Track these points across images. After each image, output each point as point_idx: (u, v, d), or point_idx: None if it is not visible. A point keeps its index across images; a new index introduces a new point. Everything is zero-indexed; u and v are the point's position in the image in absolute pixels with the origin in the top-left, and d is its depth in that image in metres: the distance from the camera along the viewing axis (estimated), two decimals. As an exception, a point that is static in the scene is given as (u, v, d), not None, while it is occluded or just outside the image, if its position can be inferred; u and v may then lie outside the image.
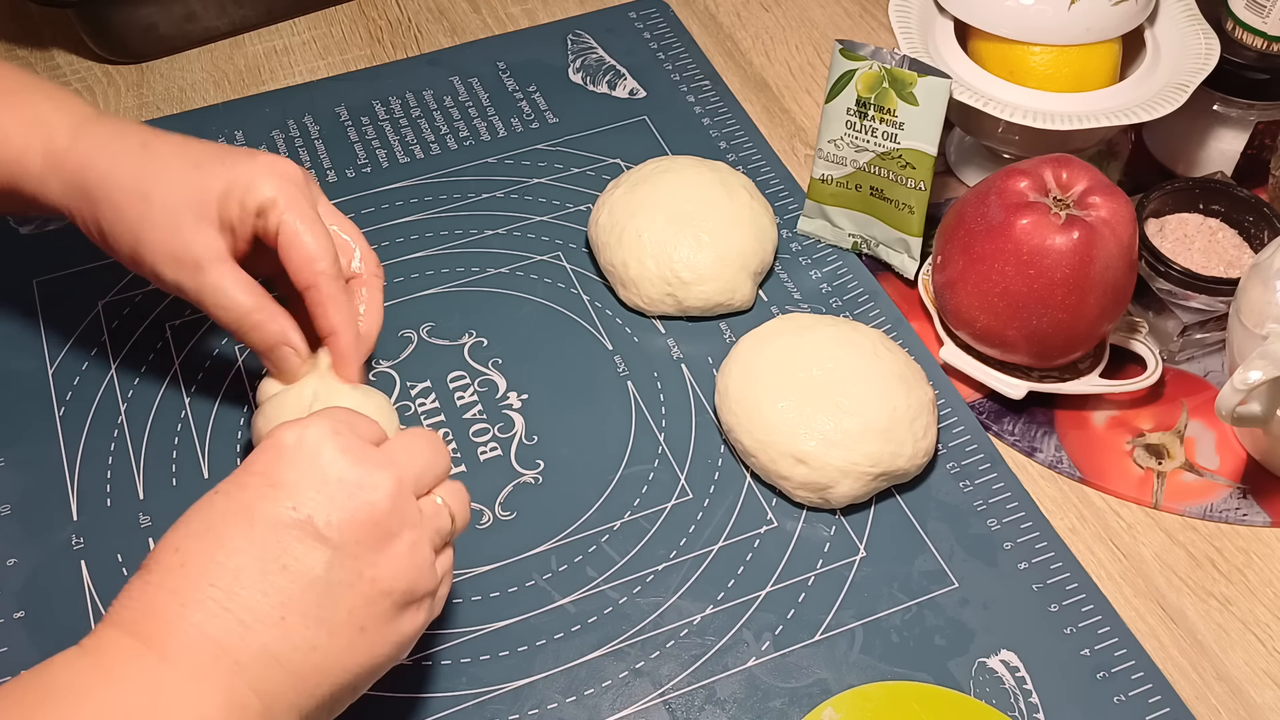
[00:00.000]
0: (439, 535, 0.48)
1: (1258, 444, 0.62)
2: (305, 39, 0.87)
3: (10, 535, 0.60)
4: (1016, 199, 0.61)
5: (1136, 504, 0.62)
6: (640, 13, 0.89)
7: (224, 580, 0.42)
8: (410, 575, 0.46)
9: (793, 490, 0.60)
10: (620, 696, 0.55)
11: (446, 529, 0.49)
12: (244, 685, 0.42)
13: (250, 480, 0.45)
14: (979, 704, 0.54)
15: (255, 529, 0.43)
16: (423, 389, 0.66)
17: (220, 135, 0.79)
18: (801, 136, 0.81)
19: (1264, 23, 0.70)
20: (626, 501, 0.61)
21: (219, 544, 0.43)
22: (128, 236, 0.56)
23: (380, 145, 0.79)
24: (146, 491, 0.62)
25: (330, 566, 0.44)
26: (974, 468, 0.63)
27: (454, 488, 0.50)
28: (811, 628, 0.57)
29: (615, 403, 0.65)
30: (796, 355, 0.62)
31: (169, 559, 0.43)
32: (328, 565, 0.44)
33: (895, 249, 0.71)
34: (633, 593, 0.58)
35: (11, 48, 0.87)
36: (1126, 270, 0.61)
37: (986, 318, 0.63)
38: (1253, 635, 0.58)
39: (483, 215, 0.75)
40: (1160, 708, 0.54)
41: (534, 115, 0.81)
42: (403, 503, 0.46)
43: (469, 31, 0.88)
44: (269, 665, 0.42)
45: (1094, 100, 0.68)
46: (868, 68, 0.66)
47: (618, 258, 0.68)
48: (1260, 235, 0.67)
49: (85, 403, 0.65)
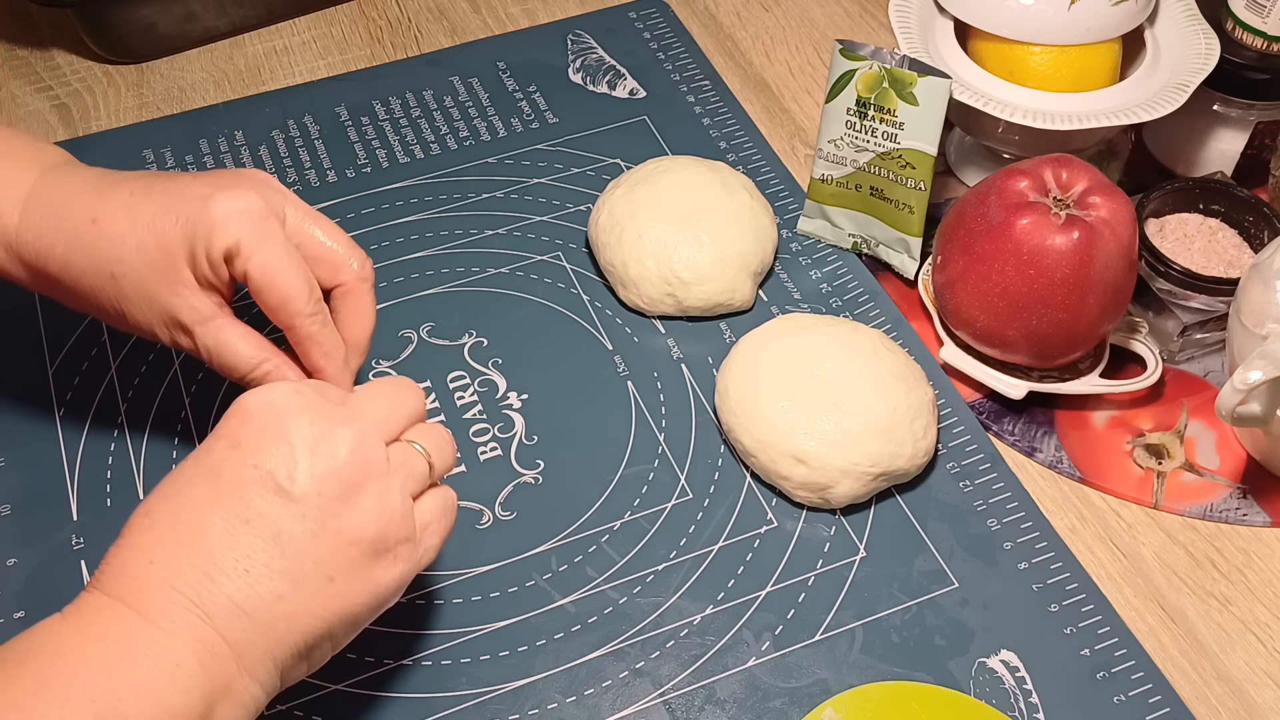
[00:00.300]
0: (413, 480, 0.48)
1: (1258, 444, 0.62)
2: (305, 39, 0.87)
3: (10, 535, 0.60)
4: (1016, 199, 0.61)
5: (1136, 504, 0.62)
6: (640, 13, 0.89)
7: (189, 537, 0.44)
8: (378, 523, 0.46)
9: (793, 490, 0.60)
10: (620, 696, 0.55)
11: (421, 473, 0.49)
12: (214, 634, 0.43)
13: (216, 445, 0.46)
14: (979, 704, 0.54)
15: (219, 488, 0.45)
16: (423, 389, 0.66)
17: (220, 135, 0.79)
18: (801, 136, 0.81)
19: (1264, 23, 0.70)
20: (626, 501, 0.61)
21: (185, 505, 0.45)
22: (109, 311, 0.55)
23: (380, 145, 0.79)
24: (146, 491, 0.61)
25: (293, 519, 0.45)
26: (974, 468, 0.63)
27: (431, 430, 0.50)
28: (811, 628, 0.57)
29: (615, 403, 0.65)
30: (796, 355, 0.62)
31: (139, 523, 0.45)
32: (290, 517, 0.45)
33: (895, 249, 0.71)
34: (633, 593, 0.58)
35: (11, 48, 0.87)
36: (1126, 270, 0.61)
37: (986, 318, 0.63)
38: (1253, 635, 0.58)
39: (483, 215, 0.75)
40: (1160, 708, 0.54)
41: (534, 115, 0.81)
42: (366, 451, 0.46)
43: (469, 31, 0.88)
44: (236, 615, 0.44)
45: (1094, 100, 0.68)
46: (868, 68, 0.66)
47: (618, 258, 0.68)
48: (1260, 235, 0.67)
49: (85, 403, 0.65)
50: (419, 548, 0.48)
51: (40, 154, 0.56)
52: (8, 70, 0.85)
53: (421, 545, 0.49)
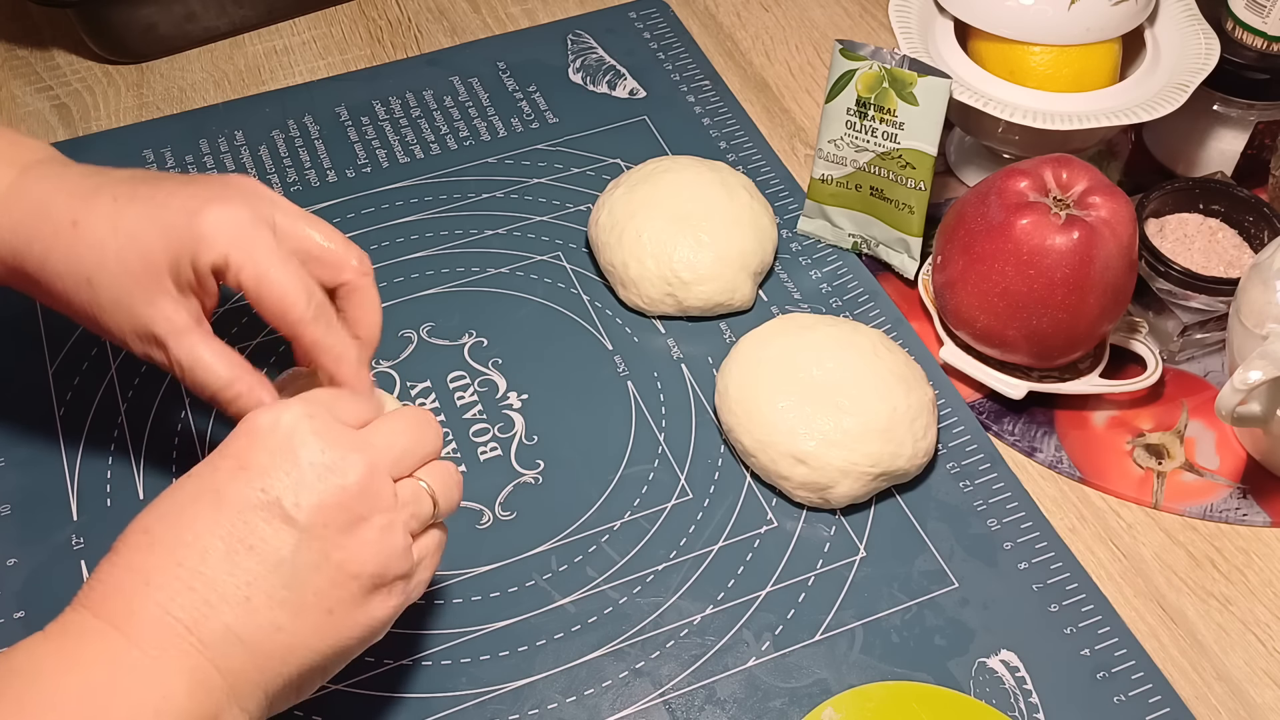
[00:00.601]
0: (416, 519, 0.48)
1: (1258, 444, 0.62)
2: (305, 39, 0.87)
3: (10, 535, 0.60)
4: (1016, 199, 0.61)
5: (1136, 504, 0.62)
6: (640, 13, 0.89)
7: (190, 559, 0.43)
8: (379, 559, 0.45)
9: (793, 490, 0.60)
10: (620, 696, 0.55)
11: (426, 513, 0.48)
12: (207, 664, 0.42)
13: (223, 463, 0.45)
14: (979, 704, 0.54)
15: (223, 510, 0.43)
16: (423, 389, 0.66)
17: (220, 135, 0.79)
18: (801, 136, 0.81)
19: (1264, 23, 0.70)
20: (626, 501, 0.61)
21: (187, 525, 0.43)
22: (85, 316, 0.53)
23: (380, 145, 0.79)
24: (146, 491, 0.62)
25: (297, 548, 0.44)
26: (974, 468, 0.63)
27: (440, 469, 0.49)
28: (811, 628, 0.57)
29: (615, 403, 0.65)
30: (796, 355, 0.62)
31: (137, 539, 0.44)
32: (294, 547, 0.44)
33: (895, 249, 0.71)
34: (633, 593, 0.58)
35: (11, 48, 0.87)
36: (1126, 270, 0.61)
37: (986, 318, 0.63)
38: (1253, 635, 0.58)
39: (483, 215, 0.75)
40: (1160, 708, 0.54)
41: (534, 115, 0.81)
42: (375, 485, 0.46)
43: (469, 31, 0.88)
44: (233, 644, 0.43)
45: (1094, 100, 0.68)
46: (868, 68, 0.66)
47: (618, 258, 0.68)
48: (1260, 235, 0.67)
49: (85, 403, 0.65)
50: (412, 583, 0.48)
51: (19, 148, 0.55)
52: (8, 70, 0.85)
53: (414, 580, 0.48)
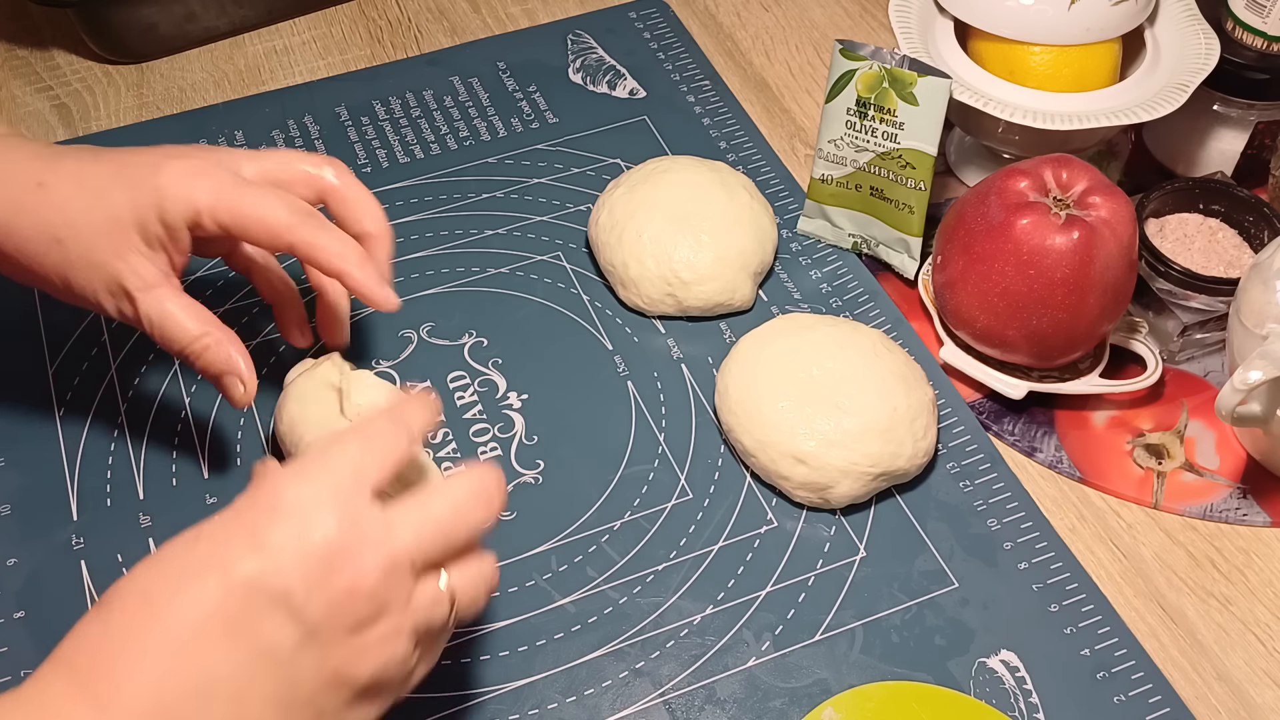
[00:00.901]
0: (427, 626, 0.44)
1: (1258, 444, 0.62)
2: (305, 39, 0.87)
3: (10, 535, 0.60)
4: (1016, 199, 0.61)
5: (1136, 504, 0.62)
6: (640, 13, 0.89)
7: (188, 642, 0.40)
8: (375, 667, 0.43)
9: (793, 490, 0.60)
10: (620, 696, 0.55)
11: (440, 620, 0.45)
12: None
13: (237, 534, 0.42)
14: (979, 704, 0.54)
15: (231, 590, 0.41)
16: (422, 389, 0.66)
17: (220, 135, 0.79)
18: (801, 136, 0.81)
19: (1264, 23, 0.70)
20: (626, 501, 0.61)
21: (191, 601, 0.40)
22: (55, 278, 0.53)
23: (380, 145, 0.79)
24: (146, 491, 0.62)
25: (299, 647, 0.41)
26: (974, 468, 0.63)
27: (474, 568, 0.46)
28: (811, 628, 0.57)
29: (615, 403, 0.65)
30: (796, 355, 0.62)
31: (133, 602, 0.41)
32: (296, 646, 0.41)
33: (895, 249, 0.71)
34: (633, 593, 0.58)
35: (11, 48, 0.87)
36: (1126, 270, 0.61)
37: (986, 318, 0.63)
38: (1253, 635, 0.58)
39: (483, 215, 0.75)
40: (1160, 708, 0.54)
41: (534, 115, 0.81)
42: (390, 583, 0.42)
43: (469, 31, 0.88)
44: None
45: (1094, 100, 0.68)
46: (868, 68, 0.66)
47: (618, 258, 0.68)
48: (1260, 235, 0.67)
49: (85, 403, 0.65)
50: (405, 686, 0.46)
51: None
52: (8, 70, 0.85)
53: (405, 686, 0.46)
